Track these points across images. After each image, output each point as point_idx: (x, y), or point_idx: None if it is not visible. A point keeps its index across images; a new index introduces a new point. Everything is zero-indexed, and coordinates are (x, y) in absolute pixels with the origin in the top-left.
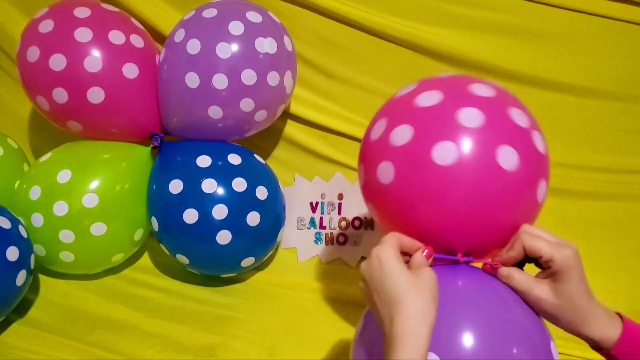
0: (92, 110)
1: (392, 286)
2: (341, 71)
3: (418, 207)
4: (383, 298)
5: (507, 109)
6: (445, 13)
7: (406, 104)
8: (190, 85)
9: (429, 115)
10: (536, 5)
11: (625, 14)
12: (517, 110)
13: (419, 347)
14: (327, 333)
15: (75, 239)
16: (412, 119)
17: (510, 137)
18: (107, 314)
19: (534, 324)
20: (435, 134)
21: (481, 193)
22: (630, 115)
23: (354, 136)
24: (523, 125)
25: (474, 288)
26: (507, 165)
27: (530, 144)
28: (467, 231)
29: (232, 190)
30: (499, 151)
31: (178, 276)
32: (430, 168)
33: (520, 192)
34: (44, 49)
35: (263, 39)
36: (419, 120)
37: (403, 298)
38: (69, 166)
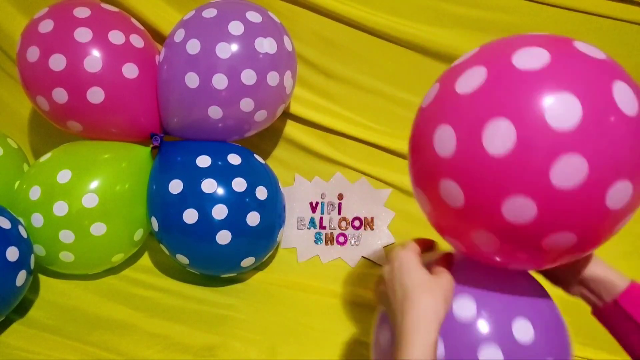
0: (92, 110)
1: (408, 284)
2: (341, 71)
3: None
4: (398, 294)
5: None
6: (445, 13)
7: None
8: (190, 85)
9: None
10: (536, 5)
11: (625, 14)
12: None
13: (426, 344)
14: (326, 333)
15: (75, 239)
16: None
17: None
18: (107, 314)
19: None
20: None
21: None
22: None
23: (354, 136)
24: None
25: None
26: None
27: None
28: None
29: (232, 191)
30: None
31: (178, 276)
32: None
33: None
34: (44, 49)
35: (263, 39)
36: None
37: (417, 295)
38: (69, 166)
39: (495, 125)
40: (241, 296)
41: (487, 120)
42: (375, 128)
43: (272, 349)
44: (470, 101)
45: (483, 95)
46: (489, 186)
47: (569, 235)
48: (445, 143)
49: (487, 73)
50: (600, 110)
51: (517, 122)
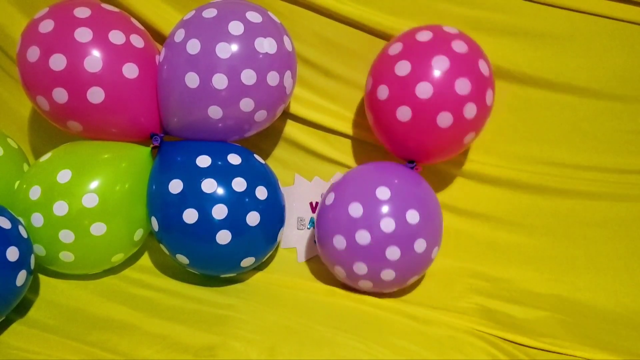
0: (92, 110)
1: None
2: (341, 71)
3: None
4: None
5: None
6: (445, 13)
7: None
8: (190, 85)
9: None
10: (536, 5)
11: (625, 14)
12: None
13: None
14: (326, 333)
15: (75, 239)
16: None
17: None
18: (107, 314)
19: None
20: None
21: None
22: (630, 115)
23: (354, 136)
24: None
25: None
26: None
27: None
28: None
29: (232, 190)
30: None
31: (178, 276)
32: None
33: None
34: (44, 49)
35: (263, 39)
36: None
37: None
38: (69, 166)
39: None
40: (241, 296)
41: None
42: None
43: (272, 349)
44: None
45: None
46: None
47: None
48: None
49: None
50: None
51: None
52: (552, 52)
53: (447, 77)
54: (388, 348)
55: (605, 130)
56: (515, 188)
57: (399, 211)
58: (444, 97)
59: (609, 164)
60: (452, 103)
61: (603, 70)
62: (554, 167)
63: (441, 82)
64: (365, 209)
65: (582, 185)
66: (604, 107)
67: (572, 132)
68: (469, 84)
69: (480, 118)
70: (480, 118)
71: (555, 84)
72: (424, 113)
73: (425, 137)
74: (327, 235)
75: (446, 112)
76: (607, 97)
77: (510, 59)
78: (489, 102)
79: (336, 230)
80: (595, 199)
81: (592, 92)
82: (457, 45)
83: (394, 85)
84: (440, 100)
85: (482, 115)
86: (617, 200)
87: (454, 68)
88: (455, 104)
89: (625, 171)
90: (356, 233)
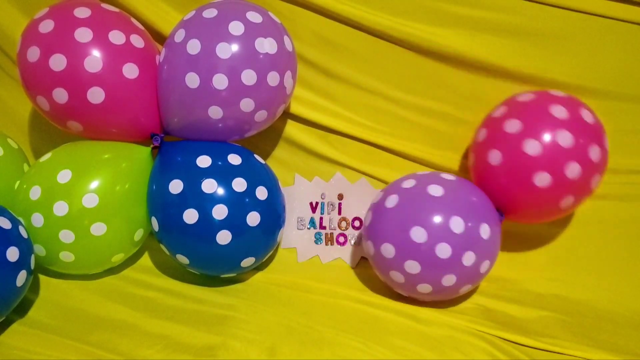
0: (93, 110)
1: None
2: (341, 71)
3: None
4: None
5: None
6: (445, 13)
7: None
8: (190, 86)
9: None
10: (536, 5)
11: (625, 14)
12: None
13: None
14: (326, 333)
15: (76, 239)
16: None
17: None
18: (107, 314)
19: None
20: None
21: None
22: (630, 115)
23: (354, 136)
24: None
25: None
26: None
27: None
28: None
29: (232, 191)
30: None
31: (178, 276)
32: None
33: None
34: (44, 49)
35: (263, 39)
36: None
37: None
38: (69, 166)
39: None
40: (241, 296)
41: None
42: (375, 128)
43: (272, 349)
44: None
45: None
46: None
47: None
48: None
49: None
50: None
51: None
52: (552, 52)
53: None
54: (388, 348)
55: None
56: None
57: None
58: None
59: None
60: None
61: (603, 70)
62: None
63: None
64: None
65: None
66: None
67: None
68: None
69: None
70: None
71: (556, 84)
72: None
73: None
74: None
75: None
76: (607, 97)
77: (510, 59)
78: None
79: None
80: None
81: (592, 92)
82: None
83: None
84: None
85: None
86: (617, 200)
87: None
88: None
89: (625, 171)
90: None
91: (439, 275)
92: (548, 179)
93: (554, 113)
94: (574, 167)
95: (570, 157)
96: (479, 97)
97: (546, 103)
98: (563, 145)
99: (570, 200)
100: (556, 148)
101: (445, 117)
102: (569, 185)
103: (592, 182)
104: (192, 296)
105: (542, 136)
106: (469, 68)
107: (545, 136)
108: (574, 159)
